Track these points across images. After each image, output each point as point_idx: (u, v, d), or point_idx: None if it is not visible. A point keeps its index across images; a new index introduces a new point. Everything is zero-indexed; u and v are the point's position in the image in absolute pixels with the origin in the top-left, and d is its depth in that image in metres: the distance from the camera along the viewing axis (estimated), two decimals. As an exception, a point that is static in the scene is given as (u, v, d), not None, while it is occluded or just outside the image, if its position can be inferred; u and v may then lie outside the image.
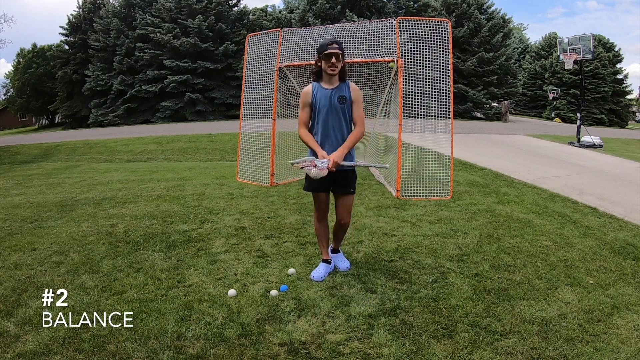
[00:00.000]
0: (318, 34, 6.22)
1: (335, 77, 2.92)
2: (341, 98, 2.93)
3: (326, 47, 2.86)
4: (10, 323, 2.46)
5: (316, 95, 2.95)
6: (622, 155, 10.06)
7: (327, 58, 2.83)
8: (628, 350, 2.19)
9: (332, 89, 2.94)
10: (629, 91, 33.98)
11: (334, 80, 2.94)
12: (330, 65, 2.83)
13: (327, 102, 2.92)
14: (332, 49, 2.82)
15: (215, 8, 27.08)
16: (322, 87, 2.95)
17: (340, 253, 3.34)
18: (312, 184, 3.03)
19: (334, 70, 2.85)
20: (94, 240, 3.91)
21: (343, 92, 2.94)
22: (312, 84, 3.01)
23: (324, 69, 2.88)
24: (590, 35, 12.33)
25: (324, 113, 2.93)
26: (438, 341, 2.27)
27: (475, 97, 25.19)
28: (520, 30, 52.90)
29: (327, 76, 2.92)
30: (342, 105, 2.93)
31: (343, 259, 3.32)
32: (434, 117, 5.71)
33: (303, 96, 3.01)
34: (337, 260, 3.27)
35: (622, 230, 4.19)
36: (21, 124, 46.99)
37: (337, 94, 2.93)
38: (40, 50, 37.56)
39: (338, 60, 2.84)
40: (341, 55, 2.85)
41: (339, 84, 2.96)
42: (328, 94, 2.92)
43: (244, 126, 6.91)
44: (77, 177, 8.07)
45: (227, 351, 2.19)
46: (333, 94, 2.93)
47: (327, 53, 2.81)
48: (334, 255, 3.30)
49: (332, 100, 2.92)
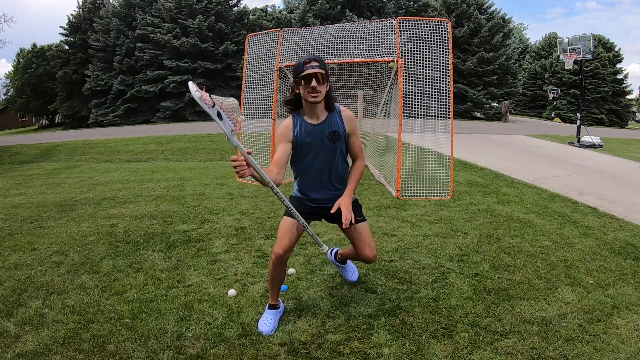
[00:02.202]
0: (318, 34, 6.23)
1: (319, 106, 2.22)
2: (333, 135, 2.26)
3: (302, 66, 2.12)
4: (10, 323, 2.46)
5: (298, 134, 2.25)
6: (622, 155, 10.06)
7: (306, 81, 2.14)
8: (628, 350, 2.19)
9: (319, 123, 2.25)
10: (629, 91, 34.01)
11: (318, 110, 2.24)
12: (310, 91, 2.14)
13: (314, 142, 2.25)
14: (311, 68, 2.10)
15: (215, 8, 27.10)
16: (306, 121, 2.25)
17: (348, 262, 2.83)
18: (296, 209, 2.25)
19: (316, 97, 2.15)
20: (94, 240, 3.91)
21: (335, 125, 2.26)
22: (291, 118, 2.29)
23: (304, 97, 2.18)
24: (590, 35, 12.33)
25: (311, 156, 2.28)
26: (438, 341, 2.27)
27: (475, 97, 25.20)
28: (520, 30, 52.93)
29: (310, 106, 2.21)
30: (334, 144, 2.27)
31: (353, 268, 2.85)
32: (434, 117, 5.72)
33: (282, 130, 2.28)
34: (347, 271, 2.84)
35: (622, 230, 4.19)
36: (21, 124, 47.01)
37: (328, 129, 2.25)
38: (40, 50, 37.59)
39: (320, 83, 2.13)
40: (323, 76, 2.13)
41: (328, 115, 2.26)
42: (315, 131, 2.24)
43: (244, 126, 6.92)
44: (77, 177, 8.07)
45: (227, 351, 2.19)
46: (322, 131, 2.25)
47: (305, 74, 2.11)
48: (342, 265, 2.83)
49: (322, 139, 2.26)
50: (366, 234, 2.40)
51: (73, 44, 30.75)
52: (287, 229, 2.29)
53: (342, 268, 2.85)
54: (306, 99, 2.18)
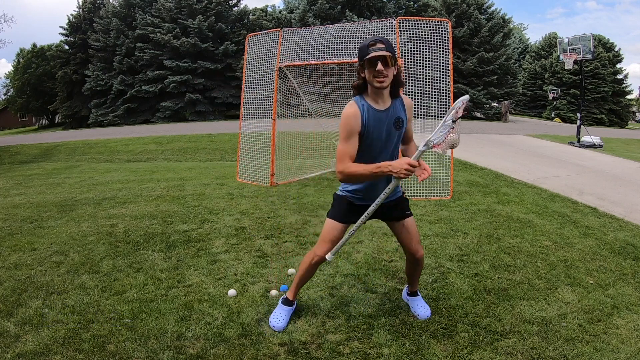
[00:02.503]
0: (318, 34, 6.23)
1: (385, 91, 2.07)
2: (398, 122, 2.12)
3: (367, 49, 1.99)
4: (10, 323, 2.46)
5: (367, 121, 2.07)
6: (622, 155, 10.06)
7: (371, 65, 1.99)
8: (628, 350, 2.19)
9: (385, 110, 2.10)
10: (629, 91, 33.98)
11: (384, 95, 2.09)
12: (377, 75, 1.98)
13: (382, 129, 2.10)
14: (377, 50, 1.97)
15: (215, 8, 27.09)
16: (373, 107, 2.08)
17: (419, 296, 2.62)
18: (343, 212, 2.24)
19: (382, 82, 1.99)
20: (94, 240, 3.91)
21: (399, 112, 2.13)
22: (356, 102, 2.09)
23: (369, 81, 2.03)
24: (590, 35, 12.33)
25: (379, 145, 2.12)
26: (438, 341, 2.27)
27: (475, 97, 25.19)
28: (520, 30, 52.92)
29: (375, 91, 2.06)
30: (398, 131, 2.14)
31: (424, 304, 2.57)
32: (434, 117, 5.72)
33: (349, 120, 2.05)
34: (416, 306, 2.56)
35: (622, 230, 4.19)
36: (21, 124, 47.01)
37: (393, 116, 2.11)
38: (40, 50, 37.59)
39: (387, 67, 1.98)
40: (391, 59, 1.98)
41: (392, 102, 2.12)
42: (382, 117, 2.09)
43: (244, 126, 6.92)
44: (77, 177, 8.07)
45: (227, 351, 2.19)
46: (387, 118, 2.10)
47: (370, 58, 1.97)
48: (413, 298, 2.60)
49: (388, 127, 2.11)
50: (414, 229, 2.33)
51: (73, 44, 30.74)
52: (337, 234, 2.26)
53: (412, 302, 2.60)
54: (372, 83, 2.03)
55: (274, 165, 6.41)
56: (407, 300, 2.65)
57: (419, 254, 2.34)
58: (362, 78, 2.07)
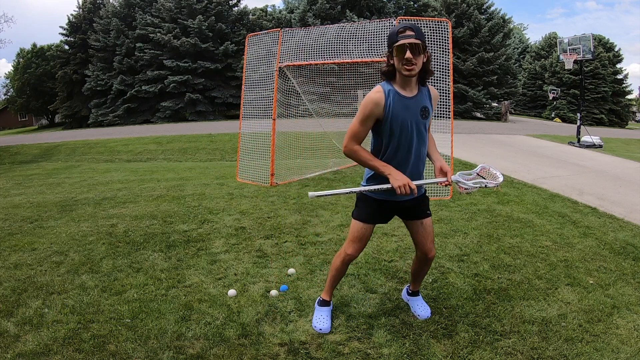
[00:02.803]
0: (318, 34, 6.23)
1: (413, 81, 2.06)
2: (424, 111, 2.09)
3: (397, 36, 1.96)
4: (10, 323, 2.46)
5: (392, 107, 2.03)
6: (622, 155, 10.06)
7: (399, 52, 1.96)
8: (628, 350, 2.19)
9: (413, 97, 2.07)
10: (629, 91, 33.98)
11: (412, 84, 2.06)
12: (405, 63, 1.96)
13: (408, 117, 2.05)
14: (406, 37, 1.94)
15: (215, 8, 27.09)
16: (400, 94, 2.05)
17: (419, 296, 2.62)
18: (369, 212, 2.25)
19: (411, 69, 1.97)
20: (94, 240, 3.91)
21: (425, 101, 2.10)
22: (383, 88, 2.06)
23: (398, 69, 2.01)
24: (590, 35, 12.33)
25: (403, 134, 2.06)
26: (438, 341, 2.27)
27: (475, 97, 25.19)
28: (520, 30, 52.91)
29: (403, 79, 2.04)
30: (425, 120, 2.11)
31: (424, 304, 2.58)
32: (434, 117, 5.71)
33: (371, 105, 2.04)
34: (417, 306, 2.56)
35: (622, 230, 4.19)
36: (21, 124, 47.01)
37: (419, 104, 2.08)
38: (40, 50, 37.59)
39: (417, 55, 1.96)
40: (421, 47, 1.96)
41: (419, 90, 2.10)
42: (409, 105, 2.05)
43: (244, 126, 6.92)
44: (77, 177, 8.07)
45: (227, 351, 2.19)
46: (414, 106, 2.07)
47: (399, 45, 1.94)
48: (414, 298, 2.61)
49: (415, 115, 2.06)
50: (430, 229, 2.32)
51: (73, 44, 30.73)
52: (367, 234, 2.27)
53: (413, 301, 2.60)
54: (400, 71, 2.00)
55: (274, 165, 6.41)
56: (407, 300, 2.65)
57: (432, 254, 2.34)
58: (391, 65, 2.04)
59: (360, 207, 2.28)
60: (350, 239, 2.29)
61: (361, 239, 2.27)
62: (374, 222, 2.29)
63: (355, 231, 2.27)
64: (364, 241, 2.28)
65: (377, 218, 2.29)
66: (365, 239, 2.28)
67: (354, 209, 2.32)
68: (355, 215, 2.29)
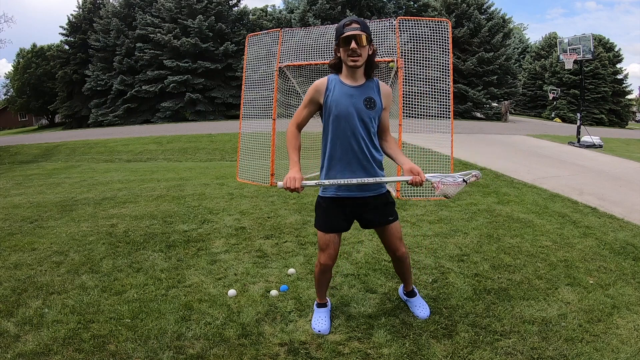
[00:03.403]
0: (318, 34, 6.23)
1: (359, 71, 2.12)
2: (368, 101, 2.13)
3: (343, 28, 2.05)
4: (10, 323, 2.46)
5: (332, 93, 2.12)
6: (622, 156, 10.06)
7: (345, 43, 2.04)
8: (628, 350, 2.19)
9: (356, 86, 2.14)
10: (629, 91, 33.97)
11: (358, 75, 2.14)
12: (350, 54, 2.04)
13: (348, 104, 2.11)
14: (351, 29, 2.02)
15: (216, 8, 27.09)
16: (343, 82, 2.14)
17: (417, 296, 2.59)
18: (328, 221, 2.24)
19: (356, 60, 2.05)
20: (94, 240, 3.91)
21: (371, 92, 2.15)
22: (328, 77, 2.18)
23: (344, 61, 2.10)
24: (590, 35, 12.32)
25: (343, 120, 2.12)
26: (438, 341, 2.27)
27: (475, 97, 25.19)
28: (520, 30, 52.90)
29: (349, 70, 2.12)
30: (369, 110, 2.13)
31: (423, 304, 2.55)
32: (434, 117, 5.72)
33: (312, 90, 2.17)
34: (414, 306, 2.54)
35: (622, 230, 4.19)
36: (21, 124, 47.03)
37: (363, 94, 2.13)
38: (40, 50, 37.59)
39: (361, 45, 2.03)
40: (365, 38, 2.03)
41: (365, 82, 2.16)
42: (351, 93, 2.12)
43: (244, 126, 6.92)
44: (77, 177, 8.07)
45: (227, 351, 2.19)
46: (357, 94, 2.13)
47: (345, 36, 2.03)
48: (411, 299, 2.58)
49: (355, 103, 2.11)
50: (396, 230, 2.31)
51: (73, 44, 30.74)
52: (331, 239, 2.25)
53: (410, 302, 2.59)
54: (346, 62, 2.09)
55: (274, 165, 6.41)
56: (406, 301, 2.64)
57: (400, 252, 2.33)
58: (338, 57, 2.13)
59: (317, 215, 2.29)
60: (320, 249, 2.29)
61: (328, 246, 2.24)
62: (332, 231, 2.24)
63: (320, 240, 2.27)
64: (332, 248, 2.25)
65: (335, 224, 2.24)
66: (332, 245, 2.25)
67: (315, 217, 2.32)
68: (315, 224, 2.31)
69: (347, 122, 2.12)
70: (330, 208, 2.24)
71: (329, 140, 2.19)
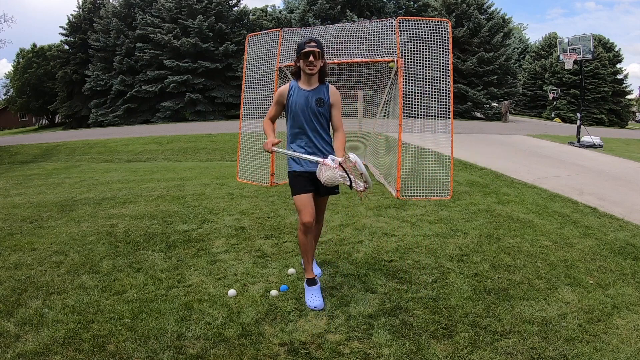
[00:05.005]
0: (318, 34, 6.24)
1: (314, 77, 2.78)
2: (319, 100, 2.78)
3: (304, 45, 2.72)
4: (10, 323, 2.46)
5: (292, 96, 2.81)
6: (622, 156, 10.06)
7: (305, 57, 2.70)
8: (628, 350, 2.19)
9: (310, 90, 2.79)
10: (629, 91, 33.96)
11: (312, 80, 2.80)
12: (308, 65, 2.70)
13: (304, 104, 2.78)
14: (310, 47, 2.69)
15: (216, 8, 27.07)
16: (300, 87, 2.80)
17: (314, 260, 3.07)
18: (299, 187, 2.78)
19: (312, 69, 2.71)
20: (94, 240, 3.91)
21: (321, 94, 2.80)
22: (289, 84, 2.87)
23: (302, 69, 2.75)
24: (590, 35, 12.32)
25: (301, 116, 2.78)
26: (438, 341, 2.27)
27: (475, 97, 25.19)
28: (520, 30, 52.89)
29: (306, 76, 2.78)
30: (320, 108, 2.78)
31: (316, 266, 3.12)
32: (434, 117, 5.72)
33: (277, 94, 2.87)
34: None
35: (622, 230, 4.19)
36: (21, 124, 47.02)
37: (315, 95, 2.78)
38: (40, 50, 37.57)
39: (316, 59, 2.70)
40: (319, 54, 2.71)
41: (318, 86, 2.82)
42: (305, 95, 2.78)
43: (244, 126, 6.93)
44: (77, 177, 8.07)
45: (227, 351, 2.19)
46: (311, 96, 2.78)
47: (305, 51, 2.69)
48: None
49: (309, 103, 2.77)
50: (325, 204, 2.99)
51: (73, 44, 30.71)
52: (306, 200, 2.73)
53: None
54: (304, 70, 2.74)
55: (273, 165, 6.41)
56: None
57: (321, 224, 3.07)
58: (298, 67, 2.78)
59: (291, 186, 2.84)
60: (299, 209, 2.73)
61: (305, 205, 2.72)
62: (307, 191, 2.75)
63: (298, 201, 2.74)
64: (312, 205, 2.73)
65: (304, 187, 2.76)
66: (310, 204, 2.73)
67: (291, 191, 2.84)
68: (292, 193, 2.82)
69: (303, 116, 2.78)
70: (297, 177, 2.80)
71: (291, 126, 2.86)
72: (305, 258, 2.79)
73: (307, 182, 2.77)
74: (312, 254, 2.82)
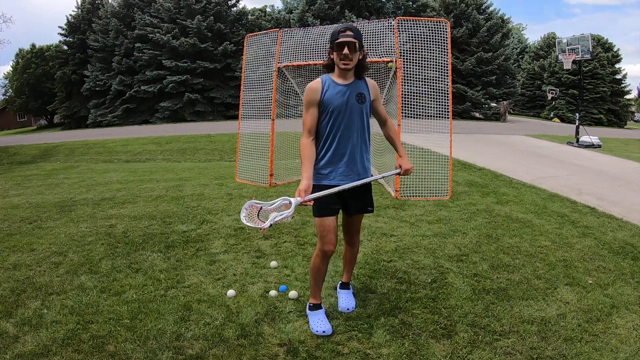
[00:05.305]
0: (317, 34, 6.23)
1: (350, 73, 2.35)
2: (360, 96, 2.36)
3: (337, 35, 2.26)
4: (9, 324, 2.46)
5: (327, 92, 2.33)
6: (621, 155, 10.08)
7: (339, 48, 2.26)
8: (627, 350, 2.19)
9: (348, 84, 2.35)
10: (627, 91, 34.09)
11: (348, 76, 2.36)
12: (342, 58, 2.26)
13: (343, 101, 2.33)
14: (345, 36, 2.24)
15: (214, 8, 27.06)
16: (335, 82, 2.35)
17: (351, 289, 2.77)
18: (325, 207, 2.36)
19: (347, 64, 2.27)
20: (93, 241, 3.91)
21: (361, 88, 2.38)
22: (321, 78, 2.39)
23: (337, 63, 2.32)
24: (589, 36, 12.34)
25: (341, 115, 2.33)
26: (437, 341, 2.27)
27: (474, 97, 25.21)
28: (519, 30, 52.95)
29: (341, 71, 2.35)
30: (361, 105, 2.37)
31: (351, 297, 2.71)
32: (433, 117, 5.73)
33: (309, 92, 2.34)
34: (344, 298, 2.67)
35: (620, 230, 4.20)
36: (20, 124, 46.94)
37: (355, 90, 2.36)
38: (39, 51, 37.49)
39: (353, 52, 2.26)
40: (357, 45, 2.26)
41: (354, 80, 2.39)
42: (343, 90, 2.33)
43: (243, 126, 6.93)
44: (75, 177, 8.06)
45: (226, 352, 2.19)
46: (350, 91, 2.34)
47: (339, 42, 2.24)
48: (343, 291, 2.73)
49: (349, 99, 2.33)
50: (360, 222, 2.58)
51: (72, 45, 30.67)
52: (332, 224, 2.36)
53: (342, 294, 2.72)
54: (338, 65, 2.31)
55: (272, 166, 6.41)
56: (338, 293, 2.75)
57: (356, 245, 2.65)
58: (331, 59, 2.35)
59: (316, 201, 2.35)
60: (321, 234, 2.37)
61: (329, 230, 2.35)
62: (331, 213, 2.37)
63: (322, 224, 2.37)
64: (335, 232, 2.37)
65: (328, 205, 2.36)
66: (334, 230, 2.37)
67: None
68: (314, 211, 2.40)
69: (342, 116, 2.33)
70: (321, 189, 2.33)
71: (326, 134, 2.36)
72: (315, 284, 2.47)
73: (333, 199, 2.35)
74: (323, 280, 2.51)
